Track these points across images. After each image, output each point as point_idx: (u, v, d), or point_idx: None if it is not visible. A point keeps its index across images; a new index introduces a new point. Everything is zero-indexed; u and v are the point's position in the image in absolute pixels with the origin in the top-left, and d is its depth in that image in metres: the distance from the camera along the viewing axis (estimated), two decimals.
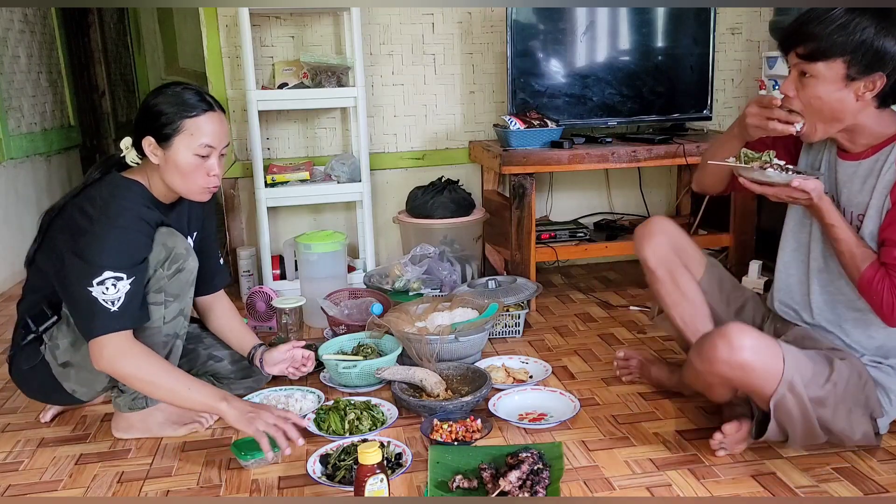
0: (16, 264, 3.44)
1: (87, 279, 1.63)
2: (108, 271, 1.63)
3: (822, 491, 1.57)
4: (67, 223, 1.71)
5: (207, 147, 1.72)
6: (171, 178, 1.75)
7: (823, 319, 1.71)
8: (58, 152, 4.09)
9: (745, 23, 3.33)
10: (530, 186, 2.73)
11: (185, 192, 1.78)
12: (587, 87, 3.00)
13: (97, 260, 1.63)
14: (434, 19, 3.14)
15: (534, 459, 1.58)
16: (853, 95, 1.51)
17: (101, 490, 1.68)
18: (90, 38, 5.13)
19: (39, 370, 1.83)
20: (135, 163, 1.81)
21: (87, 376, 1.82)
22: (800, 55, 1.52)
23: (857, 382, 1.59)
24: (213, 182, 1.77)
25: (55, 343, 1.81)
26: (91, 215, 1.67)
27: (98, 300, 1.63)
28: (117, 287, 1.64)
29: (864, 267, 1.55)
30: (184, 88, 1.73)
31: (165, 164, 1.73)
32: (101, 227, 1.66)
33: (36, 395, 1.94)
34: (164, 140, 1.71)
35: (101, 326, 1.64)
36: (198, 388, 1.72)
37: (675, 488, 1.60)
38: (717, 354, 1.55)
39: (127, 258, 1.67)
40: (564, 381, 2.18)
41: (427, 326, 2.25)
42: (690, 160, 2.80)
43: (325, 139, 3.19)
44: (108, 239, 1.65)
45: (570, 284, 3.18)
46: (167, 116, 1.69)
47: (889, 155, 1.56)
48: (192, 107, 1.71)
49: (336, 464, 1.66)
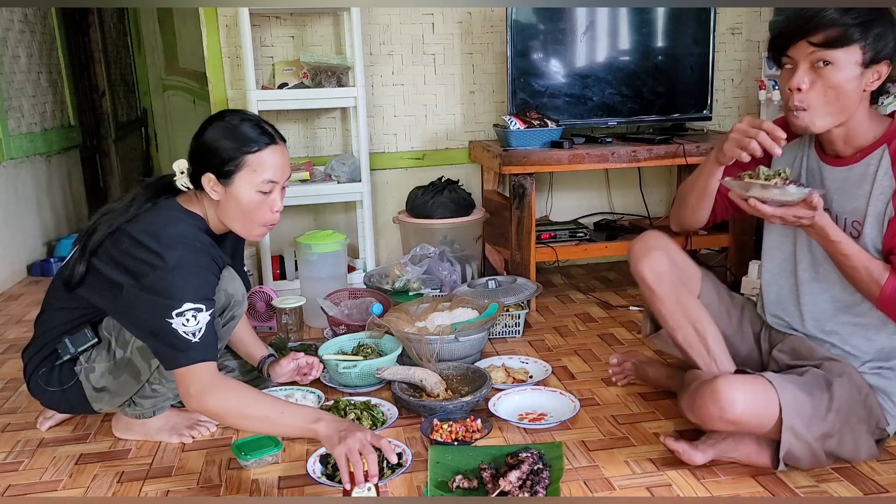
0: (16, 264, 3.44)
1: (166, 311, 1.55)
2: (189, 303, 1.55)
3: (822, 491, 1.57)
4: (125, 256, 1.61)
5: (270, 182, 1.66)
6: (230, 216, 1.69)
7: (818, 329, 1.68)
8: (58, 152, 4.10)
9: (745, 23, 3.33)
10: (530, 186, 2.73)
11: (243, 231, 1.72)
12: (587, 87, 3.00)
13: (175, 293, 1.55)
14: (434, 19, 3.14)
15: (534, 459, 1.58)
16: (860, 85, 1.51)
17: (101, 490, 1.68)
18: (90, 38, 5.13)
19: (71, 390, 1.78)
20: (184, 188, 1.72)
21: (120, 399, 1.81)
22: (817, 44, 1.49)
23: (858, 398, 1.58)
24: (275, 219, 1.71)
25: (91, 366, 1.75)
26: (156, 251, 1.58)
27: (178, 332, 1.55)
28: (197, 319, 1.56)
29: (883, 280, 1.52)
30: (242, 120, 1.66)
31: (226, 201, 1.66)
32: (173, 263, 1.57)
33: (55, 407, 1.89)
34: (224, 177, 1.64)
35: (186, 357, 1.56)
36: (291, 411, 1.60)
37: (675, 488, 1.60)
38: (708, 414, 1.55)
39: (203, 291, 1.60)
40: (564, 381, 2.18)
41: (427, 326, 2.25)
42: (690, 160, 2.80)
43: (325, 139, 3.19)
44: (183, 273, 1.58)
45: (570, 284, 3.18)
46: (228, 152, 1.62)
47: (881, 159, 1.54)
48: (254, 141, 1.64)
49: (336, 464, 1.66)
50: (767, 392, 1.53)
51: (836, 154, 1.61)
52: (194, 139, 1.68)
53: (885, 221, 1.54)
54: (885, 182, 1.53)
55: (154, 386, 1.79)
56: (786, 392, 1.53)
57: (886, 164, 1.53)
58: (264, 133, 1.66)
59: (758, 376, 1.57)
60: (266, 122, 1.71)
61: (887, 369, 1.62)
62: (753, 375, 1.58)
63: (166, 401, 1.86)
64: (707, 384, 1.57)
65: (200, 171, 1.66)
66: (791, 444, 1.54)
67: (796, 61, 1.53)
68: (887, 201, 1.53)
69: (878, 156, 1.55)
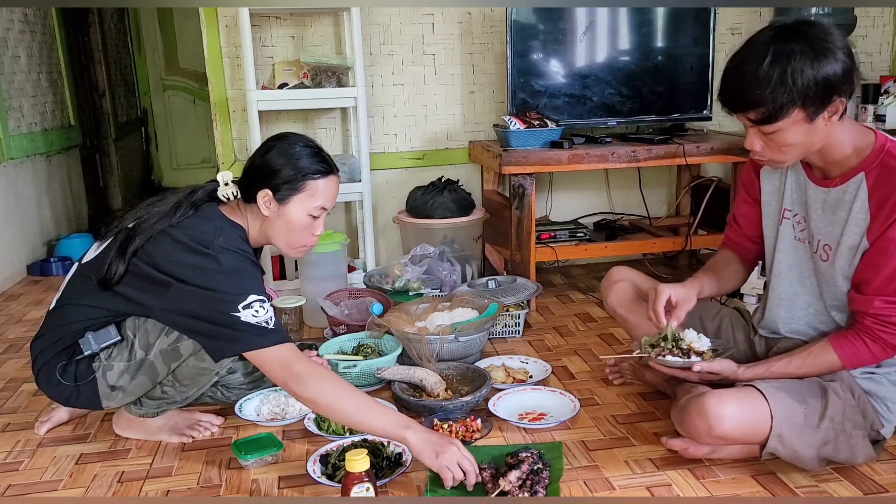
0: (16, 264, 3.44)
1: (231, 306, 1.59)
2: (253, 295, 1.61)
3: (822, 491, 1.57)
4: (170, 259, 1.63)
5: (322, 209, 1.75)
6: (276, 233, 1.75)
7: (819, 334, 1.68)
8: (58, 152, 4.10)
9: (745, 23, 3.32)
10: (530, 186, 2.73)
11: (283, 247, 1.79)
12: (587, 87, 3.00)
13: (238, 288, 1.60)
14: (434, 19, 3.14)
15: (534, 459, 1.58)
16: (821, 123, 1.44)
17: (101, 490, 1.68)
18: (90, 38, 5.13)
19: (85, 386, 1.77)
20: (225, 198, 1.77)
21: (129, 400, 1.81)
22: (753, 121, 1.45)
23: (853, 402, 1.58)
24: (314, 242, 1.80)
25: (110, 364, 1.75)
26: (210, 254, 1.62)
27: (251, 322, 1.59)
28: (265, 308, 1.62)
29: (835, 357, 1.56)
30: (306, 146, 1.74)
31: (276, 218, 1.73)
32: (229, 265, 1.62)
33: (62, 400, 1.85)
34: (282, 196, 1.70)
35: (268, 339, 1.60)
36: (379, 412, 1.61)
37: (675, 488, 1.60)
38: (697, 430, 1.56)
39: (261, 286, 1.67)
40: (564, 380, 2.18)
41: (427, 326, 2.25)
42: (690, 160, 2.80)
43: (325, 139, 3.19)
44: (240, 272, 1.63)
45: (570, 284, 3.18)
46: (291, 174, 1.69)
47: (858, 188, 1.51)
48: (316, 169, 1.72)
49: (336, 464, 1.66)
50: (758, 405, 1.53)
51: (820, 172, 1.59)
52: (258, 155, 1.74)
53: (858, 253, 1.53)
54: (860, 215, 1.51)
55: (165, 388, 1.80)
56: (777, 403, 1.53)
57: (863, 195, 1.50)
58: (325, 162, 1.75)
59: (749, 389, 1.57)
60: (327, 154, 1.78)
61: (879, 374, 1.62)
62: (745, 388, 1.58)
63: (172, 404, 1.86)
64: (695, 400, 1.57)
65: (256, 186, 1.71)
66: (776, 451, 1.55)
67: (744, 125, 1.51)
68: (861, 234, 1.51)
69: (856, 184, 1.52)
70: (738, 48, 1.47)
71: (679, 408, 1.64)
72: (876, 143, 1.50)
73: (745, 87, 1.42)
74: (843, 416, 1.56)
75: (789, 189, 1.66)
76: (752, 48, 1.43)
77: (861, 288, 1.53)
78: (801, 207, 1.64)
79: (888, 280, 1.48)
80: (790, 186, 1.66)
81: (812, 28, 1.40)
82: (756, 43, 1.43)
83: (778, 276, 1.72)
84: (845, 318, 1.62)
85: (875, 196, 1.49)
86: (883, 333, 1.51)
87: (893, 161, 1.48)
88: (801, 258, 1.67)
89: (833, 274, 1.57)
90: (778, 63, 1.38)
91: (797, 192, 1.65)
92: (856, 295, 1.54)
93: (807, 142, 1.47)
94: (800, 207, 1.65)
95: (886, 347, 1.53)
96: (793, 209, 1.66)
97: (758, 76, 1.40)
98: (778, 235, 1.70)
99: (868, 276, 1.51)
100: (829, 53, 1.38)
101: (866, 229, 1.50)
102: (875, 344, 1.53)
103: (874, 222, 1.49)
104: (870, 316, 1.51)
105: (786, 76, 1.38)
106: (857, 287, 1.54)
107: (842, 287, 1.58)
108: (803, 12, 2.91)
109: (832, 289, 1.60)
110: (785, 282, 1.70)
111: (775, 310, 1.73)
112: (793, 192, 1.66)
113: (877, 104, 3.05)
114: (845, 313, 1.61)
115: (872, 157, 1.50)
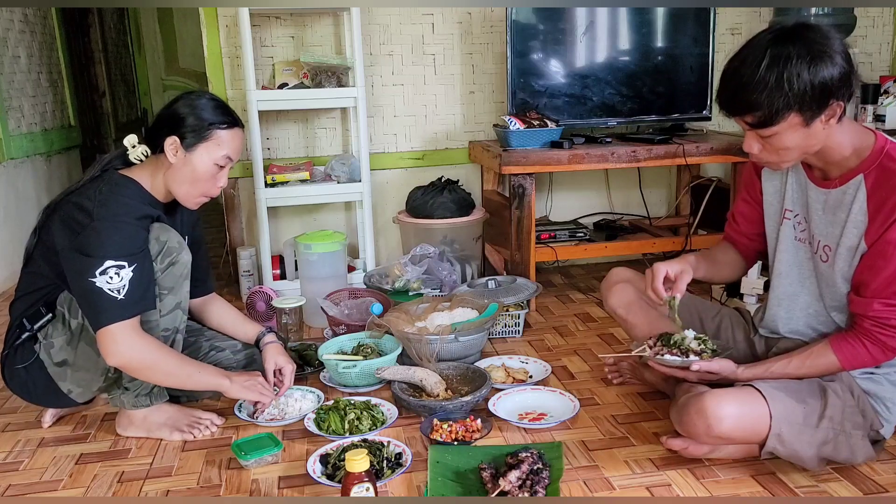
0: (15, 264, 3.42)
1: (89, 271, 1.64)
2: (110, 260, 1.65)
3: (822, 491, 1.57)
4: (65, 220, 1.72)
5: (227, 159, 1.80)
6: (178, 181, 1.79)
7: (818, 335, 1.68)
8: (58, 152, 4.10)
9: (745, 23, 3.33)
10: (530, 186, 2.73)
11: (183, 197, 1.82)
12: (587, 87, 3.00)
13: (97, 251, 1.65)
14: (434, 19, 3.14)
15: (533, 459, 1.58)
16: (819, 127, 1.44)
17: (101, 490, 1.68)
18: (90, 38, 5.13)
19: (34, 370, 1.83)
20: (137, 160, 1.82)
21: (84, 376, 1.83)
22: (750, 124, 1.45)
23: (852, 402, 1.58)
24: (216, 192, 1.84)
25: (50, 342, 1.81)
26: (89, 210, 1.68)
27: (104, 290, 1.65)
28: (120, 275, 1.65)
29: (834, 359, 1.56)
30: (211, 99, 1.81)
31: (182, 166, 1.77)
32: (100, 221, 1.67)
33: (30, 398, 1.91)
34: (189, 143, 1.76)
35: (108, 317, 1.66)
36: (203, 370, 1.82)
37: (675, 488, 1.60)
38: (696, 430, 1.56)
39: (127, 247, 1.68)
40: (564, 380, 2.18)
41: (427, 326, 2.25)
42: (690, 160, 2.80)
43: (324, 139, 3.19)
44: (107, 231, 1.67)
45: (570, 284, 3.18)
46: (199, 122, 1.76)
47: (857, 190, 1.51)
48: (223, 119, 1.78)
49: (336, 464, 1.66)
50: (757, 405, 1.53)
51: (821, 173, 1.59)
52: (165, 108, 1.81)
53: (857, 255, 1.53)
54: (859, 217, 1.51)
55: None
56: (776, 402, 1.53)
57: (862, 197, 1.50)
58: (230, 114, 1.82)
59: (748, 389, 1.57)
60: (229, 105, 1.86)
61: (878, 374, 1.62)
62: (744, 388, 1.58)
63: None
64: (694, 399, 1.57)
65: (164, 134, 1.76)
66: (775, 450, 1.55)
67: (742, 128, 1.51)
68: (860, 236, 1.51)
69: (855, 185, 1.51)
70: (736, 50, 1.47)
71: (678, 407, 1.64)
72: (875, 144, 1.50)
73: (742, 90, 1.42)
74: (842, 416, 1.56)
75: (790, 189, 1.66)
76: (750, 51, 1.42)
77: (860, 290, 1.53)
78: (802, 208, 1.64)
79: (887, 283, 1.48)
80: (791, 187, 1.66)
81: (810, 32, 1.40)
82: (754, 46, 1.42)
83: (778, 277, 1.72)
84: (845, 318, 1.62)
85: (874, 198, 1.49)
86: (882, 336, 1.51)
87: (892, 163, 1.47)
88: (801, 259, 1.67)
89: (833, 275, 1.57)
90: (774, 67, 1.38)
91: (798, 192, 1.65)
92: (855, 297, 1.54)
93: (804, 145, 1.47)
94: (800, 208, 1.65)
95: (886, 350, 1.53)
96: (794, 209, 1.66)
97: (754, 80, 1.39)
98: (779, 236, 1.70)
99: (867, 279, 1.51)
100: (827, 57, 1.38)
101: (865, 231, 1.50)
102: (874, 346, 1.53)
103: (872, 224, 1.49)
104: (869, 318, 1.51)
105: (782, 80, 1.37)
106: (856, 289, 1.54)
107: (841, 288, 1.58)
108: (803, 12, 2.91)
109: (832, 290, 1.60)
110: (785, 282, 1.70)
111: (775, 310, 1.74)
112: (794, 193, 1.66)
113: (876, 104, 3.05)
114: (845, 314, 1.61)
115: (872, 159, 1.50)
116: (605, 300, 2.01)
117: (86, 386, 1.85)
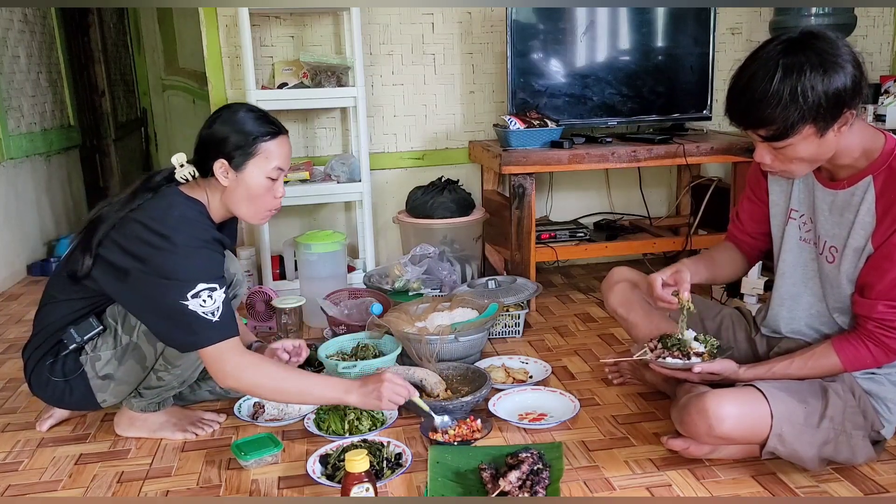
0: (16, 264, 3.44)
1: (179, 294, 1.59)
2: (202, 283, 1.60)
3: (822, 491, 1.57)
4: (131, 240, 1.64)
5: (278, 170, 1.75)
6: (236, 202, 1.75)
7: (820, 336, 1.68)
8: (58, 152, 4.09)
9: (745, 23, 3.33)
10: (530, 186, 2.73)
11: (248, 215, 1.78)
12: (587, 86, 3.00)
13: (187, 275, 1.60)
14: (434, 19, 3.14)
15: (534, 459, 1.58)
16: (832, 136, 1.42)
17: (100, 490, 1.68)
18: (90, 38, 5.13)
19: (75, 381, 1.77)
20: (183, 179, 1.76)
21: (123, 388, 1.81)
22: (764, 137, 1.44)
23: (853, 402, 1.58)
24: (278, 204, 1.80)
25: (97, 354, 1.76)
26: (162, 233, 1.62)
27: (197, 313, 1.59)
28: (213, 298, 1.61)
29: (836, 360, 1.56)
30: (250, 110, 1.75)
31: (236, 186, 1.73)
32: (182, 244, 1.62)
33: (59, 404, 1.87)
34: (238, 163, 1.71)
35: (210, 337, 1.61)
36: (320, 386, 1.72)
37: (675, 488, 1.60)
38: (697, 430, 1.56)
39: (215, 270, 1.65)
40: (564, 381, 2.18)
41: (427, 326, 2.25)
42: (690, 160, 2.80)
43: (324, 139, 3.19)
44: (192, 254, 1.62)
45: (570, 284, 3.18)
46: (243, 138, 1.70)
47: (866, 191, 1.50)
48: (265, 131, 1.73)
49: (336, 464, 1.66)
50: (758, 405, 1.53)
51: (828, 174, 1.59)
52: (205, 128, 1.75)
53: (862, 257, 1.52)
54: (866, 218, 1.51)
55: (160, 374, 1.80)
56: (778, 402, 1.53)
57: (871, 198, 1.50)
58: (273, 123, 1.76)
59: (750, 389, 1.57)
60: (269, 114, 1.80)
61: (880, 375, 1.61)
62: (745, 388, 1.58)
63: (171, 390, 1.87)
64: (695, 399, 1.57)
65: (210, 159, 1.71)
66: (776, 450, 1.55)
67: (753, 140, 1.49)
68: (867, 237, 1.51)
69: (863, 186, 1.51)
70: (744, 62, 1.45)
71: (679, 407, 1.64)
72: (885, 146, 1.50)
73: (756, 105, 1.40)
74: (843, 417, 1.56)
75: (797, 190, 1.66)
76: (761, 64, 1.40)
77: (865, 292, 1.52)
78: (808, 208, 1.64)
79: (892, 285, 1.48)
80: (797, 187, 1.66)
81: (819, 41, 1.38)
82: (763, 59, 1.40)
83: (782, 276, 1.72)
84: (847, 320, 1.61)
85: (882, 200, 1.48)
86: (885, 338, 1.51)
87: None
88: (805, 259, 1.67)
89: (838, 276, 1.57)
90: (787, 80, 1.36)
91: (805, 192, 1.65)
92: (859, 299, 1.54)
93: (816, 155, 1.46)
94: (807, 208, 1.64)
95: (888, 352, 1.53)
96: (799, 210, 1.66)
97: (768, 94, 1.38)
98: (784, 235, 1.70)
99: (872, 281, 1.50)
100: (839, 67, 1.36)
101: (872, 233, 1.50)
102: (877, 348, 1.52)
103: (880, 226, 1.48)
104: (873, 320, 1.51)
105: (796, 94, 1.36)
106: (860, 291, 1.54)
107: (846, 290, 1.58)
108: (803, 12, 2.91)
109: (836, 291, 1.60)
110: (788, 282, 1.70)
111: (777, 309, 1.73)
112: (800, 193, 1.66)
113: (877, 104, 3.05)
114: (847, 315, 1.61)
115: (881, 161, 1.49)
116: (605, 300, 2.01)
117: (120, 396, 1.84)
